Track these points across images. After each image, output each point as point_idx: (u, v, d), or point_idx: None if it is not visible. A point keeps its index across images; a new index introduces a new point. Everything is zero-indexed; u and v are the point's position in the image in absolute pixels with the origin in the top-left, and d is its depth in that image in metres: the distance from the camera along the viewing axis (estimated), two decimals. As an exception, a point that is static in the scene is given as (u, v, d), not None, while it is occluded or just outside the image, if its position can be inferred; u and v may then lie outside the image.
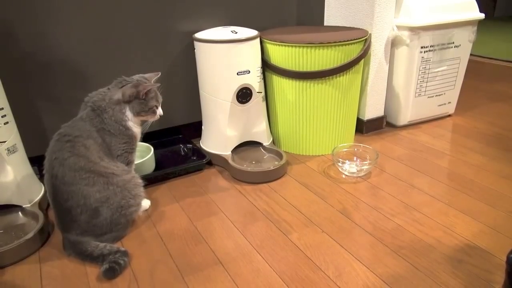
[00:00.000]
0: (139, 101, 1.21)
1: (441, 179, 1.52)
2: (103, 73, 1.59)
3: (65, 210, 1.13)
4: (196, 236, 1.24)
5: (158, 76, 1.31)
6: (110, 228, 1.17)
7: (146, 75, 1.29)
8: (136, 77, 1.27)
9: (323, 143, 1.73)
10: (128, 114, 1.21)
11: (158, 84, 1.26)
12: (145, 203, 1.36)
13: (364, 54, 1.66)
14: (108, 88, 1.24)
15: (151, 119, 1.27)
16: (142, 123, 1.28)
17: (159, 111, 1.27)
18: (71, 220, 1.14)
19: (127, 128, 1.22)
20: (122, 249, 1.14)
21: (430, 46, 1.84)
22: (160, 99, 1.28)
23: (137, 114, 1.23)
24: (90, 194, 1.13)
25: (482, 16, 1.88)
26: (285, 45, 1.58)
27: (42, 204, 1.36)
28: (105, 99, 1.20)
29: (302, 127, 1.70)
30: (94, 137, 1.17)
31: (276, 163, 1.60)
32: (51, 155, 1.15)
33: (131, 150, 1.25)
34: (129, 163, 1.25)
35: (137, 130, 1.26)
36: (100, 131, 1.19)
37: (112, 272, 1.08)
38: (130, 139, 1.24)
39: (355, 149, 1.69)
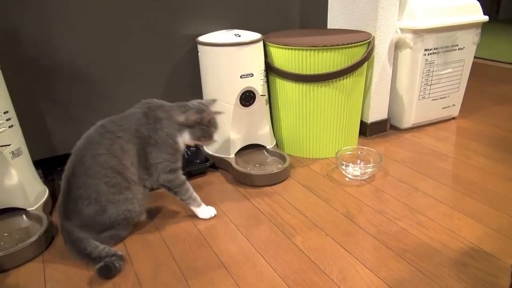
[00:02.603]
0: (201, 127, 1.26)
1: (446, 182, 1.51)
2: (108, 76, 1.59)
3: (74, 198, 1.14)
4: (200, 240, 1.24)
5: (215, 102, 1.34)
6: (111, 226, 1.18)
7: (204, 101, 1.32)
8: (195, 102, 1.30)
9: (326, 146, 1.73)
10: (186, 136, 1.26)
11: (222, 112, 1.30)
12: (211, 212, 1.35)
13: (367, 57, 1.65)
14: (171, 106, 1.28)
15: (206, 144, 1.28)
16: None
17: (215, 136, 1.31)
18: (75, 210, 1.14)
19: (176, 143, 1.25)
20: (119, 253, 1.13)
21: (434, 49, 1.83)
22: (218, 126, 1.32)
23: (196, 139, 1.28)
24: (105, 192, 1.14)
25: (486, 18, 1.88)
26: (288, 48, 1.59)
27: (46, 207, 1.36)
28: (166, 112, 1.24)
29: (305, 130, 1.70)
30: (134, 142, 1.19)
31: (279, 166, 1.60)
32: (88, 143, 1.17)
33: (174, 160, 1.26)
34: (171, 170, 1.25)
35: (183, 146, 1.29)
36: (144, 138, 1.20)
37: (107, 270, 1.07)
38: (175, 152, 1.26)
39: (359, 152, 1.69)
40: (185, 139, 1.27)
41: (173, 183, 1.27)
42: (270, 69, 1.70)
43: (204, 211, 1.34)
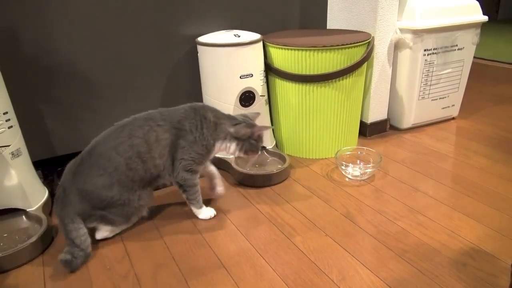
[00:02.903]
0: (251, 141, 1.28)
1: (445, 182, 1.51)
2: (107, 77, 1.59)
3: (91, 162, 1.17)
4: (199, 240, 1.24)
5: (258, 116, 1.35)
6: (108, 206, 1.18)
7: (249, 114, 1.34)
8: (240, 116, 1.31)
9: (326, 146, 1.73)
10: (232, 147, 1.28)
11: (272, 127, 1.30)
12: (210, 213, 1.35)
13: (367, 57, 1.65)
14: (223, 114, 1.30)
15: (251, 157, 1.34)
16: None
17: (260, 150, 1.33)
18: (86, 174, 1.16)
19: (213, 146, 1.27)
20: (89, 250, 1.15)
21: (434, 49, 1.83)
22: (263, 140, 1.33)
23: (244, 152, 1.29)
24: (121, 172, 1.16)
25: (485, 18, 1.88)
26: (288, 49, 1.59)
27: (46, 208, 1.36)
28: (216, 117, 1.26)
29: (305, 130, 1.70)
30: (171, 133, 1.22)
31: (279, 166, 1.60)
32: (131, 123, 1.21)
33: (199, 161, 1.27)
34: (191, 170, 1.26)
35: (217, 152, 1.31)
36: (182, 132, 1.22)
37: (67, 265, 1.11)
38: (206, 154, 1.27)
39: (359, 152, 1.69)
40: (230, 149, 1.29)
41: (187, 183, 1.27)
42: (269, 70, 1.70)
43: (204, 212, 1.34)
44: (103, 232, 1.24)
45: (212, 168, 1.40)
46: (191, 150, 1.24)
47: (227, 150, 1.30)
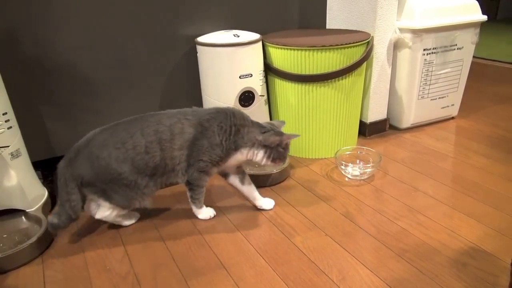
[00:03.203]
0: (279, 149, 1.26)
1: (445, 182, 1.51)
2: (106, 78, 1.59)
3: (112, 133, 1.19)
4: (199, 240, 1.24)
5: (284, 125, 1.35)
6: (111, 182, 1.18)
7: (275, 123, 1.33)
8: (267, 124, 1.30)
9: (326, 146, 1.73)
10: (259, 155, 1.27)
11: (298, 135, 1.32)
12: (210, 213, 1.35)
13: (366, 57, 1.65)
14: (252, 122, 1.29)
15: (277, 165, 1.33)
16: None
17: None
18: (103, 142, 1.17)
19: (235, 151, 1.25)
20: (75, 216, 1.19)
21: (433, 49, 1.83)
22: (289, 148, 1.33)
23: (271, 160, 1.27)
24: (138, 153, 1.17)
25: (484, 18, 1.88)
26: (287, 48, 1.59)
27: (46, 209, 1.36)
28: (244, 126, 1.25)
29: (304, 130, 1.70)
30: (196, 129, 1.22)
31: (279, 166, 1.60)
32: (165, 113, 1.24)
33: (216, 163, 1.26)
34: (204, 171, 1.25)
35: (240, 159, 1.29)
36: (207, 132, 1.22)
37: (52, 228, 1.18)
38: (226, 158, 1.26)
39: (358, 152, 1.69)
40: (257, 156, 1.27)
41: (197, 182, 1.27)
42: (269, 69, 1.70)
43: (204, 212, 1.34)
44: (102, 211, 1.23)
45: (248, 187, 1.38)
46: (213, 152, 1.23)
47: (254, 158, 1.28)
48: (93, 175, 1.17)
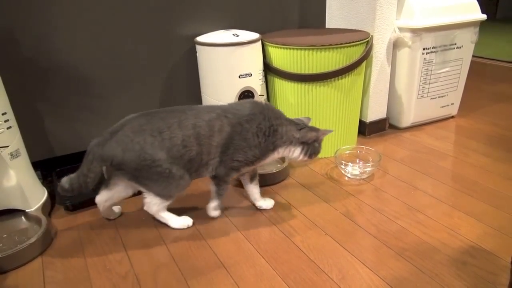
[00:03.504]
0: (315, 144, 1.29)
1: (445, 180, 1.51)
2: (106, 77, 1.59)
3: (150, 120, 1.17)
4: (199, 240, 1.24)
5: (311, 121, 1.36)
6: (144, 170, 1.16)
7: (303, 119, 1.33)
8: (298, 120, 1.31)
9: (325, 145, 1.72)
10: (297, 152, 1.28)
11: (332, 130, 1.33)
12: (218, 212, 1.35)
13: (366, 56, 1.65)
14: (286, 118, 1.28)
15: (309, 161, 1.35)
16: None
17: None
18: (140, 127, 1.16)
19: (272, 152, 1.26)
20: (85, 191, 1.18)
21: (432, 48, 1.83)
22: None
23: (308, 155, 1.28)
24: (175, 144, 1.16)
25: (484, 17, 1.88)
26: (286, 48, 1.59)
27: (45, 209, 1.36)
28: (282, 123, 1.25)
29: (304, 129, 1.69)
30: (234, 128, 1.21)
31: (278, 165, 1.60)
32: (201, 107, 1.23)
33: (252, 164, 1.26)
34: (238, 170, 1.26)
35: (276, 157, 1.30)
36: (248, 133, 1.21)
37: (62, 191, 1.17)
38: (262, 158, 1.26)
39: (358, 151, 1.69)
40: (294, 153, 1.28)
41: (226, 179, 1.28)
42: (268, 69, 1.70)
43: (218, 211, 1.35)
44: (146, 200, 1.24)
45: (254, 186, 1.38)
46: (250, 153, 1.23)
47: (290, 155, 1.29)
48: (125, 157, 1.15)
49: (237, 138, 1.21)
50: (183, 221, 1.30)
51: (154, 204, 1.25)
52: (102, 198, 1.28)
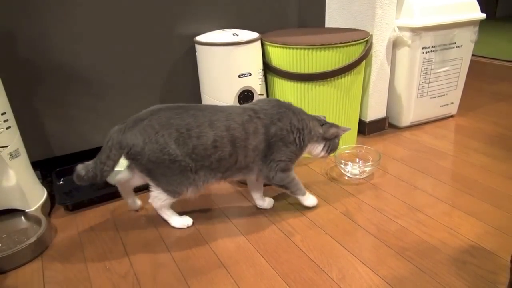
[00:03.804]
0: (335, 141, 1.33)
1: (445, 180, 1.51)
2: (105, 77, 1.59)
3: (178, 112, 1.16)
4: (199, 239, 1.24)
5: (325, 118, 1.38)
6: (161, 164, 1.15)
7: (320, 116, 1.35)
8: (318, 116, 1.35)
9: (325, 145, 1.73)
10: (319, 147, 1.31)
11: (350, 129, 1.37)
12: (315, 200, 1.37)
13: (365, 55, 1.65)
14: (308, 115, 1.31)
15: (327, 156, 1.36)
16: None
17: None
18: (165, 123, 1.14)
19: (305, 147, 1.29)
20: (100, 179, 1.16)
21: (432, 47, 1.83)
22: None
23: (328, 151, 1.32)
24: (202, 143, 1.15)
25: (483, 16, 1.88)
26: (286, 47, 1.58)
27: (45, 209, 1.36)
28: (309, 119, 1.29)
29: (304, 129, 1.69)
30: (268, 129, 1.21)
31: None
32: (229, 109, 1.22)
33: (294, 160, 1.29)
34: (286, 170, 1.27)
35: (304, 153, 1.33)
36: (283, 131, 1.23)
37: (76, 178, 1.16)
38: (300, 153, 1.29)
39: (358, 151, 1.69)
40: (317, 149, 1.31)
41: (286, 181, 1.29)
42: (268, 68, 1.69)
43: (310, 199, 1.36)
44: (152, 193, 1.23)
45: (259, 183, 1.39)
46: (288, 150, 1.24)
47: (314, 151, 1.32)
48: (145, 149, 1.13)
49: (274, 140, 1.22)
50: (184, 221, 1.30)
51: (159, 199, 1.24)
52: (123, 176, 1.28)
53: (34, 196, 1.34)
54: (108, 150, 1.14)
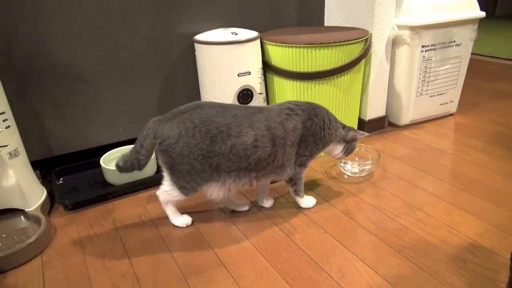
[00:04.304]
0: (353, 143, 1.37)
1: (444, 178, 1.51)
2: (104, 76, 1.59)
3: (222, 119, 1.15)
4: (199, 238, 1.24)
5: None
6: (187, 157, 1.14)
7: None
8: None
9: (325, 143, 1.73)
10: (339, 148, 1.34)
11: (368, 134, 1.42)
12: (313, 200, 1.39)
13: (364, 54, 1.65)
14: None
15: (343, 158, 1.41)
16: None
17: None
18: (206, 119, 1.14)
19: (328, 145, 1.32)
20: (137, 168, 1.18)
21: (431, 45, 1.83)
22: None
23: (347, 153, 1.36)
24: (244, 143, 1.15)
25: (482, 14, 1.88)
26: (285, 46, 1.58)
27: (44, 208, 1.36)
28: (335, 120, 1.32)
29: (303, 127, 1.69)
30: (304, 125, 1.23)
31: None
32: (267, 107, 1.24)
33: (314, 157, 1.31)
34: (304, 165, 1.30)
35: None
36: (317, 127, 1.25)
37: (117, 168, 1.19)
38: (320, 150, 1.31)
39: (357, 149, 1.68)
40: (337, 150, 1.35)
41: (298, 176, 1.30)
42: (267, 67, 1.69)
43: (307, 200, 1.37)
44: (163, 186, 1.24)
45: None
46: (315, 146, 1.27)
47: (334, 151, 1.35)
48: (179, 142, 1.12)
49: (308, 134, 1.24)
50: (184, 220, 1.30)
51: (169, 195, 1.23)
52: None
53: (34, 195, 1.34)
54: (142, 139, 1.15)
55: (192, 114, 1.14)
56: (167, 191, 1.23)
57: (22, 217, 1.31)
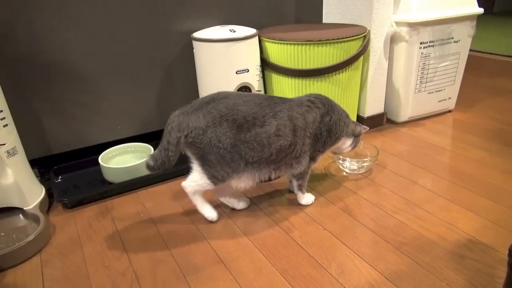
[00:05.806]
0: (359, 138, 1.41)
1: (443, 175, 1.51)
2: (102, 74, 1.59)
3: (248, 109, 1.15)
4: (198, 236, 1.24)
5: None
6: (216, 146, 1.14)
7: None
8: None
9: (323, 140, 1.73)
10: (348, 142, 1.38)
11: (368, 128, 1.45)
12: (312, 197, 1.39)
13: (363, 51, 1.65)
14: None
15: (349, 151, 1.44)
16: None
17: None
18: (232, 109, 1.14)
19: (339, 140, 1.34)
20: (167, 165, 1.17)
21: (430, 42, 1.83)
22: None
23: (354, 147, 1.40)
24: (266, 131, 1.16)
25: (481, 11, 1.88)
26: (283, 43, 1.58)
27: (43, 206, 1.36)
28: (346, 114, 1.35)
29: (302, 125, 1.69)
30: (324, 118, 1.26)
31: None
32: (290, 100, 1.25)
33: (325, 151, 1.33)
34: (314, 159, 1.32)
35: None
36: (331, 121, 1.27)
37: (148, 167, 1.19)
38: (331, 146, 1.34)
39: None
40: (346, 144, 1.38)
41: (307, 170, 1.31)
42: (265, 65, 1.69)
43: (307, 197, 1.38)
44: (192, 176, 1.22)
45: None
46: (328, 141, 1.29)
47: (343, 145, 1.38)
48: (207, 132, 1.12)
49: (323, 128, 1.26)
50: (212, 213, 1.29)
51: (198, 185, 1.22)
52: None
53: (32, 194, 1.34)
54: (168, 135, 1.14)
55: (218, 103, 1.15)
56: (196, 181, 1.21)
57: (20, 215, 1.31)
